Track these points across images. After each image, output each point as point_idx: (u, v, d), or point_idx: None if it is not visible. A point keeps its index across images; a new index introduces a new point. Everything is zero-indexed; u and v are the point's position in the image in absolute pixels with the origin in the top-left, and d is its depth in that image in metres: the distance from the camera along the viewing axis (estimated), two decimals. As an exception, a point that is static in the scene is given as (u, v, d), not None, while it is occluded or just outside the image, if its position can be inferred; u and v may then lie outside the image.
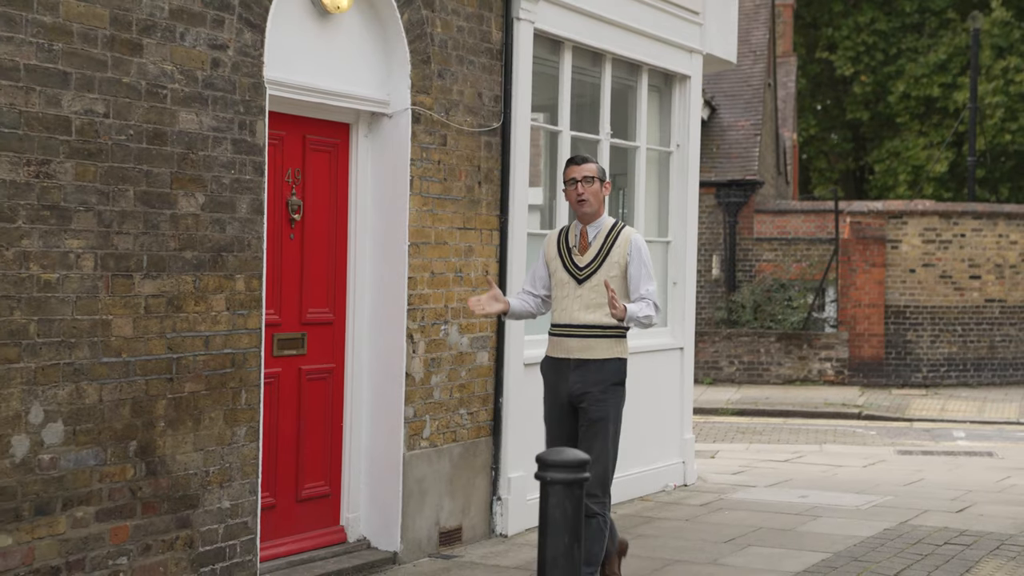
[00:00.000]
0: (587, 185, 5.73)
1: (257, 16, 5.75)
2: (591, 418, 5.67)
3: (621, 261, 5.72)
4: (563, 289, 5.78)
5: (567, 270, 5.78)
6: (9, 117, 4.70)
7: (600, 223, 5.81)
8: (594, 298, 5.70)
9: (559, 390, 5.75)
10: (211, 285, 5.59)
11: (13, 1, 4.68)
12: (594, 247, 5.76)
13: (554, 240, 5.91)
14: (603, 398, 5.68)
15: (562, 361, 5.74)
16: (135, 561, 5.24)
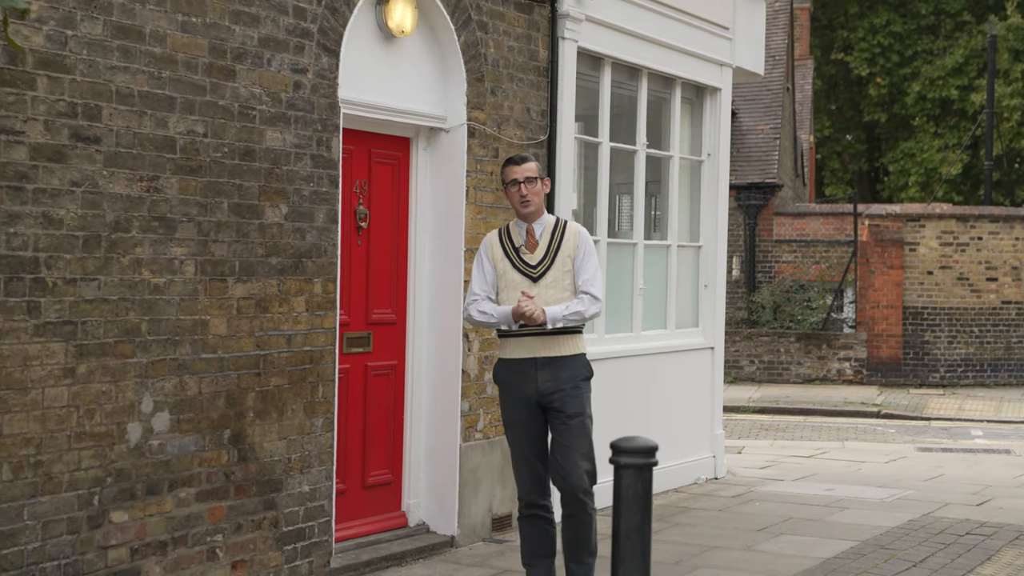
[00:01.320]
0: (530, 186, 5.66)
1: (333, 42, 6.28)
2: (569, 414, 5.56)
3: (572, 254, 5.66)
4: (516, 290, 5.63)
5: (518, 270, 5.67)
6: (126, 138, 5.23)
7: (544, 220, 5.75)
8: (552, 295, 5.61)
9: (525, 390, 5.61)
10: (293, 288, 6.12)
11: (130, 34, 5.22)
12: (543, 243, 5.68)
13: (496, 242, 5.78)
14: (576, 393, 5.59)
15: (525, 361, 5.60)
16: (229, 538, 5.78)
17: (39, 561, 4.92)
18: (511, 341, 5.65)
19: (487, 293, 5.73)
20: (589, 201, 8.69)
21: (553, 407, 5.58)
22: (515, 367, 5.63)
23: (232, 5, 5.70)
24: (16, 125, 4.81)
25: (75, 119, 5.03)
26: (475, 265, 5.80)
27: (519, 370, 5.62)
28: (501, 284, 5.70)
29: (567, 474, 5.58)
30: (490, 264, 5.74)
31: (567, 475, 5.58)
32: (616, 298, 8.94)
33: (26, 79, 4.84)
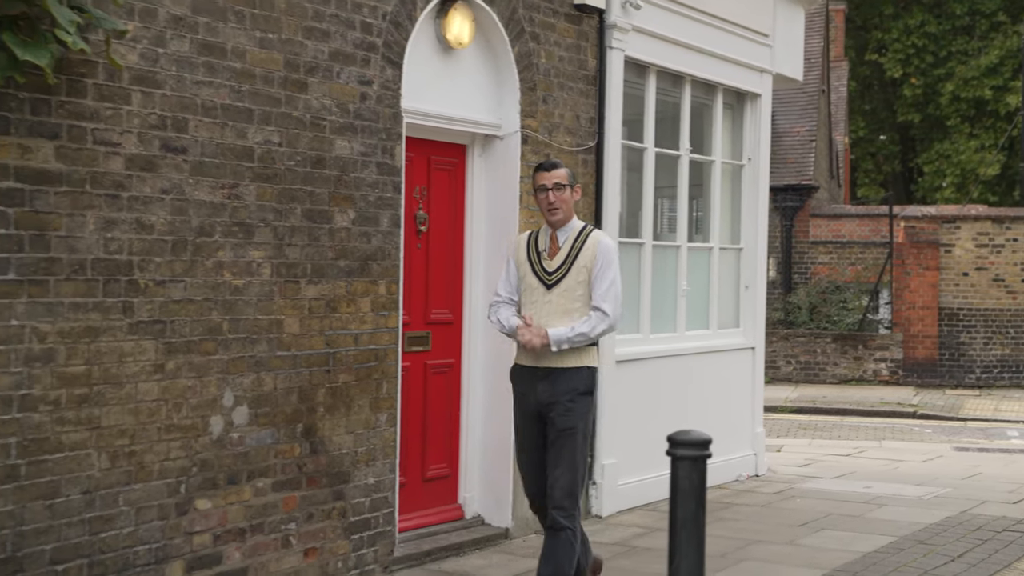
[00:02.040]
0: (558, 192, 5.59)
1: (396, 55, 6.60)
2: (559, 428, 5.49)
3: (588, 265, 5.55)
4: (532, 295, 5.61)
5: (536, 275, 5.63)
6: (209, 148, 5.57)
7: (570, 227, 5.66)
8: (563, 304, 5.54)
9: (528, 399, 5.60)
10: (359, 289, 6.44)
11: (213, 51, 5.56)
12: (563, 251, 5.61)
13: (523, 245, 5.75)
14: (571, 407, 5.49)
15: (531, 369, 5.58)
16: (301, 527, 6.10)
17: (133, 545, 5.26)
18: (521, 347, 5.64)
19: (509, 295, 5.72)
20: (634, 205, 8.97)
21: (549, 417, 5.53)
22: (523, 373, 5.63)
23: (305, 21, 6.03)
24: (113, 137, 5.16)
25: (165, 131, 5.37)
26: (503, 265, 5.84)
27: (524, 377, 5.61)
28: (521, 287, 5.67)
29: (550, 487, 5.53)
30: (514, 266, 5.72)
31: (550, 488, 5.53)
32: (660, 299, 9.22)
33: (122, 94, 5.19)
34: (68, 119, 4.98)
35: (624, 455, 8.49)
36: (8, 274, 4.79)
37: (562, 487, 5.45)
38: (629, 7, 8.19)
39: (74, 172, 5.01)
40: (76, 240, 5.04)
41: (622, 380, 8.48)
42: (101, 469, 5.15)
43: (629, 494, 8.55)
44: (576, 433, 5.49)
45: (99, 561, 5.14)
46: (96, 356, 5.12)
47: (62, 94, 4.94)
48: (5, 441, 4.78)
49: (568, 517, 5.45)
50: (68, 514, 5.02)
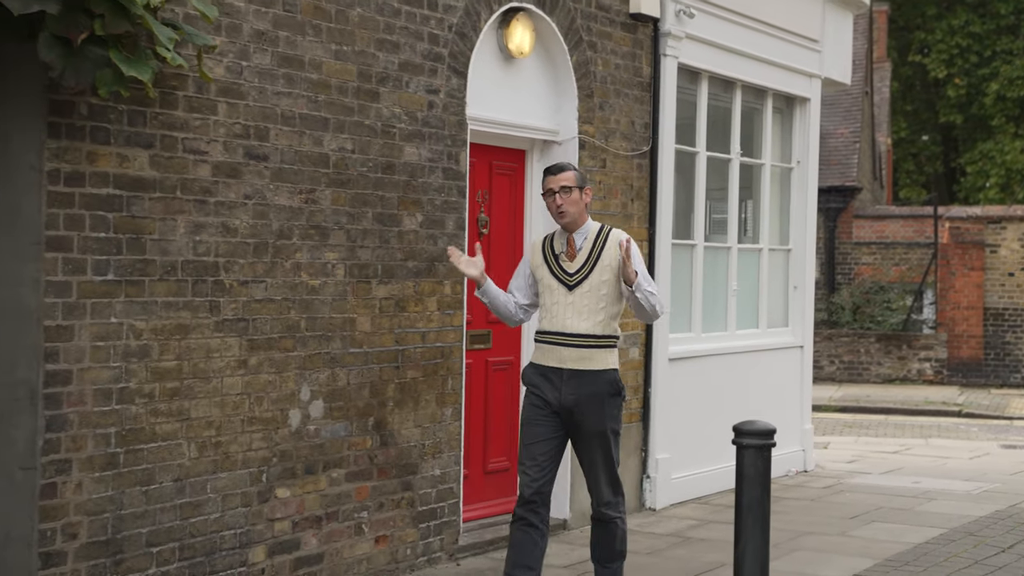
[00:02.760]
0: (565, 195, 5.53)
1: (461, 64, 6.89)
2: (589, 431, 5.51)
3: (613, 263, 5.52)
4: (552, 295, 5.58)
5: (555, 276, 5.59)
6: (288, 155, 5.88)
7: (586, 229, 5.62)
8: (587, 304, 5.51)
9: (548, 398, 5.53)
10: (426, 289, 6.73)
11: (292, 63, 5.87)
12: (583, 252, 5.56)
13: (539, 247, 5.72)
14: (600, 411, 5.49)
15: (554, 370, 5.53)
16: (372, 515, 6.40)
17: (219, 530, 5.58)
18: (543, 347, 5.58)
19: (515, 296, 5.77)
20: (686, 207, 9.20)
21: (574, 421, 5.51)
22: (544, 373, 5.56)
23: (377, 34, 6.33)
24: (201, 146, 5.47)
25: (248, 140, 5.68)
26: (518, 267, 5.88)
27: (547, 377, 5.54)
28: (540, 288, 5.65)
29: (591, 487, 5.65)
30: (528, 268, 5.72)
31: (591, 488, 5.65)
32: (712, 299, 9.46)
33: (209, 105, 5.50)
34: (161, 129, 5.30)
35: (677, 450, 8.73)
36: (108, 274, 5.11)
37: (606, 483, 5.58)
38: (683, 16, 8.44)
39: (166, 179, 5.33)
40: (168, 243, 5.36)
41: (675, 377, 8.72)
42: (191, 458, 5.47)
43: (682, 488, 8.79)
44: (607, 435, 5.52)
45: (189, 545, 5.46)
46: (186, 352, 5.44)
47: (156, 106, 5.26)
48: (105, 431, 5.11)
49: (616, 508, 5.62)
50: (161, 500, 5.34)
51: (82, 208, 5.00)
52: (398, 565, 6.57)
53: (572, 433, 5.56)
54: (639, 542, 7.52)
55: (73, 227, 4.97)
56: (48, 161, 4.86)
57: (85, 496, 5.03)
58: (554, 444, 5.58)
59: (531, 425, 5.59)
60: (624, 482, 8.25)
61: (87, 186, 5.02)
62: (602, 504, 5.61)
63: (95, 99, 4.98)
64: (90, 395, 5.04)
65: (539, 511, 5.59)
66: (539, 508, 5.59)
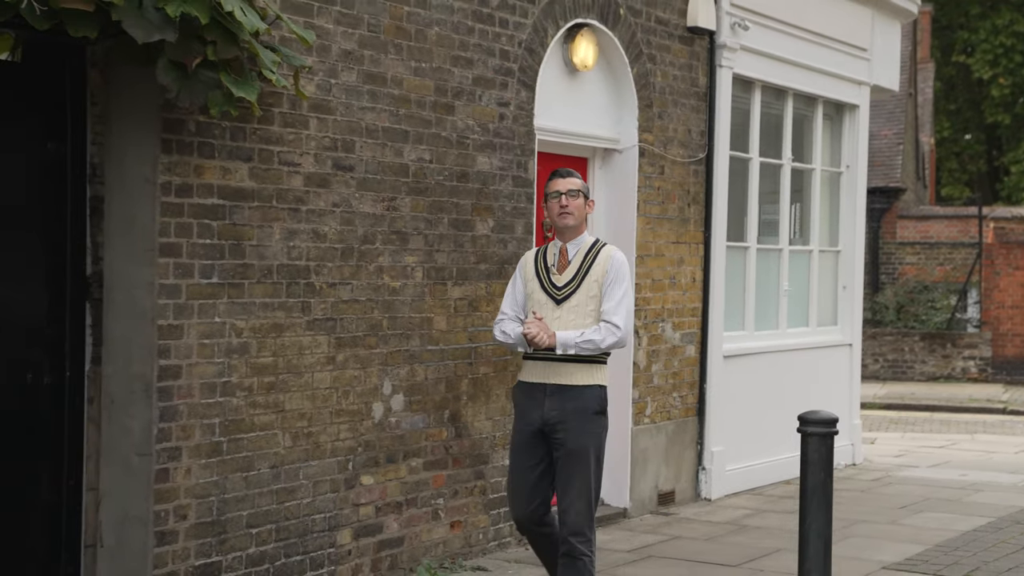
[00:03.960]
0: (571, 198, 5.44)
1: (530, 78, 7.29)
2: (569, 449, 5.24)
3: (600, 279, 5.35)
4: (541, 310, 5.39)
5: (545, 291, 5.42)
6: (372, 166, 6.31)
7: (581, 240, 5.50)
8: (573, 319, 5.33)
9: (531, 416, 5.33)
10: (497, 290, 7.14)
11: (376, 80, 6.30)
12: (573, 265, 5.41)
13: (531, 260, 5.56)
14: (583, 428, 5.24)
15: (536, 386, 5.34)
16: (448, 502, 6.82)
17: (311, 514, 6.02)
18: (528, 363, 5.43)
19: (516, 313, 5.55)
20: (739, 210, 9.56)
21: (556, 438, 5.28)
22: (528, 391, 5.38)
23: (452, 51, 6.75)
24: (295, 158, 5.91)
25: (336, 152, 6.11)
26: (509, 282, 5.67)
27: (530, 394, 5.36)
28: (529, 304, 5.46)
29: (563, 512, 5.29)
30: (522, 283, 5.54)
31: (563, 513, 5.29)
32: (764, 298, 9.82)
33: (302, 120, 5.94)
34: (259, 144, 5.74)
35: (731, 443, 9.10)
36: (212, 278, 5.56)
37: (577, 512, 5.20)
38: (738, 28, 8.80)
39: (264, 189, 5.77)
40: (265, 248, 5.80)
41: (729, 374, 9.08)
42: (285, 447, 5.91)
43: (736, 479, 9.15)
44: (589, 455, 5.22)
45: (284, 527, 5.90)
46: (281, 349, 5.88)
47: (254, 122, 5.70)
48: (210, 421, 5.56)
49: (586, 543, 5.22)
50: (259, 485, 5.78)
51: (190, 217, 5.45)
52: (471, 549, 6.99)
53: (553, 452, 5.29)
54: (698, 529, 7.91)
55: (182, 234, 5.42)
56: (161, 174, 5.31)
57: (193, 481, 5.47)
58: (540, 470, 5.34)
59: (516, 452, 5.41)
60: (682, 473, 8.77)
61: (194, 197, 5.46)
62: (571, 533, 5.21)
63: (202, 117, 5.43)
64: (197, 388, 5.49)
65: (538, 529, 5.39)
66: (535, 526, 5.38)
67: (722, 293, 9.01)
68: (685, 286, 8.75)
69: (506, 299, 5.61)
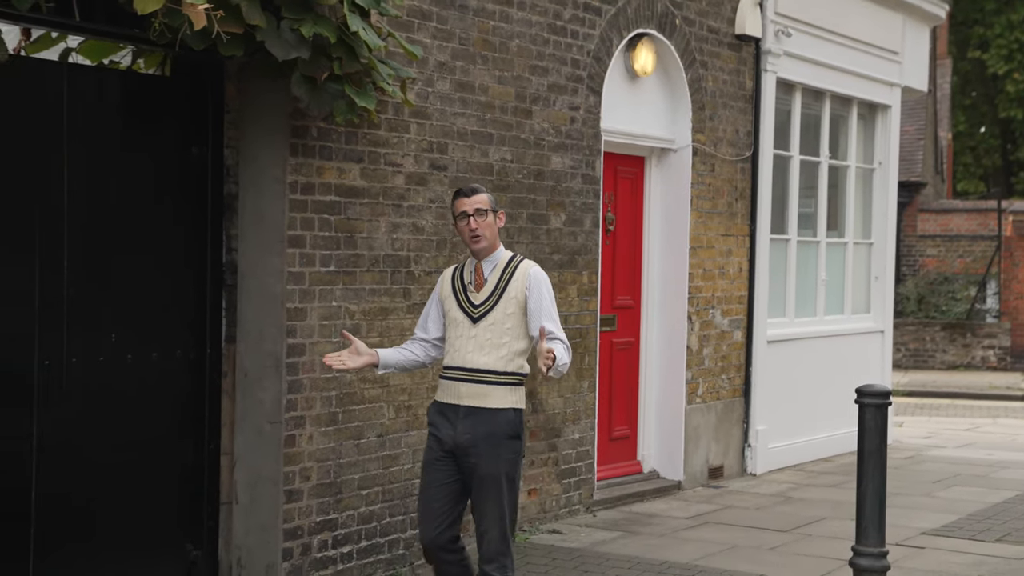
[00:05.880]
0: (480, 219, 5.11)
1: (597, 84, 7.96)
2: (481, 475, 4.99)
3: (519, 296, 5.09)
4: (457, 329, 5.14)
5: (461, 308, 5.16)
6: (462, 166, 6.99)
7: (495, 257, 5.19)
8: (489, 338, 5.07)
9: (443, 436, 5.07)
10: (568, 279, 7.82)
11: (466, 88, 6.98)
12: (490, 283, 5.14)
13: (448, 278, 5.29)
14: (495, 453, 4.98)
15: (451, 407, 5.08)
16: (526, 471, 7.50)
17: (410, 478, 6.70)
18: (444, 383, 5.16)
19: (419, 336, 5.34)
20: (781, 205, 10.22)
21: (468, 462, 5.02)
22: (442, 411, 5.14)
23: (531, 61, 7.42)
24: (397, 159, 6.59)
25: (432, 153, 6.79)
26: (428, 301, 5.41)
27: (444, 414, 5.11)
28: (447, 321, 5.23)
29: (479, 537, 5.08)
30: (438, 301, 5.29)
31: (478, 539, 5.08)
32: (803, 287, 10.49)
33: (404, 126, 6.62)
34: (368, 147, 6.42)
35: (773, 422, 9.77)
36: (330, 266, 6.24)
37: (491, 540, 5.01)
38: (781, 35, 9.46)
39: (372, 187, 6.46)
40: (373, 240, 6.48)
41: (772, 358, 9.75)
42: (389, 418, 6.60)
43: (778, 456, 9.83)
44: (501, 480, 5.00)
45: (388, 489, 6.59)
46: (386, 330, 6.56)
47: (365, 127, 6.38)
48: (328, 394, 6.24)
49: (502, 569, 5.02)
50: (368, 452, 6.47)
51: (312, 212, 6.13)
52: (546, 514, 7.67)
53: (467, 476, 5.05)
54: (747, 500, 8.59)
55: (306, 228, 6.10)
56: (289, 174, 5.99)
57: (315, 446, 6.17)
58: (451, 489, 5.08)
59: (427, 470, 5.15)
60: (730, 449, 9.45)
61: (316, 194, 6.14)
62: (486, 560, 5.01)
63: (322, 123, 6.11)
64: (318, 364, 6.17)
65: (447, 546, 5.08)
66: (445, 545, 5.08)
67: (766, 282, 9.68)
68: (732, 275, 9.42)
69: (421, 319, 5.38)
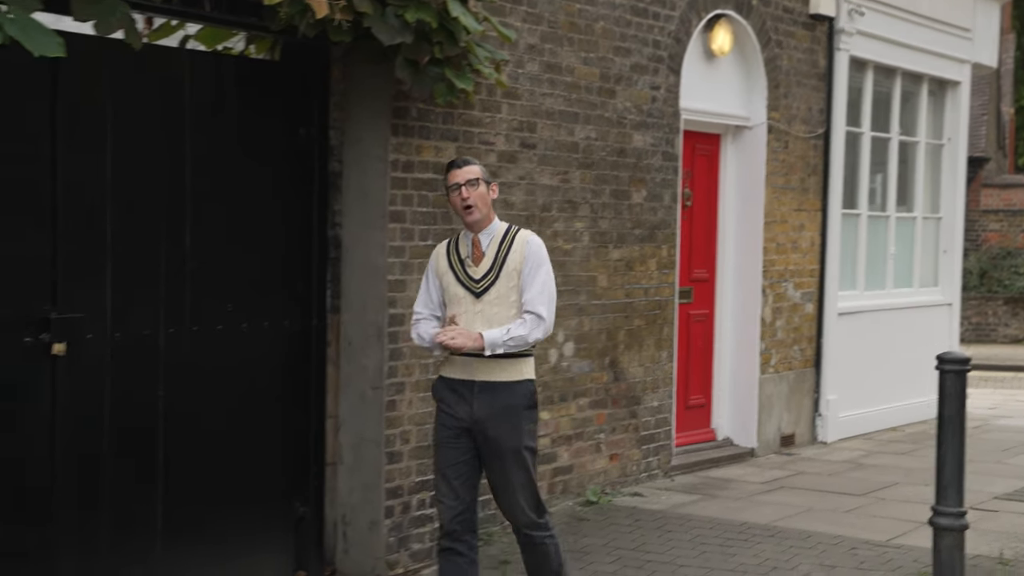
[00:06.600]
0: (472, 189, 5.04)
1: (676, 64, 8.21)
2: (503, 448, 4.97)
3: (518, 267, 5.04)
4: (459, 305, 5.05)
5: (462, 284, 5.07)
6: (550, 144, 7.29)
7: (492, 229, 5.13)
8: (496, 313, 5.00)
9: (459, 413, 5.02)
10: (648, 253, 8.10)
11: (553, 69, 7.26)
12: (489, 255, 5.08)
13: (443, 253, 5.20)
14: (515, 425, 4.98)
15: (463, 383, 5.01)
16: (608, 437, 7.83)
17: (502, 442, 7.04)
18: (454, 359, 5.07)
19: (431, 311, 5.20)
20: (851, 181, 10.42)
21: (487, 437, 4.98)
22: (453, 387, 5.06)
23: (614, 42, 7.69)
24: (490, 138, 6.90)
25: (522, 132, 7.10)
26: (422, 279, 5.29)
27: (456, 391, 5.05)
28: (447, 298, 5.13)
29: (508, 510, 5.08)
30: (435, 278, 5.19)
31: (508, 511, 5.08)
32: (873, 261, 10.72)
33: (495, 105, 6.92)
34: (463, 126, 6.73)
35: (843, 392, 10.01)
36: (428, 240, 6.55)
37: (523, 508, 5.01)
38: (854, 14, 9.64)
39: (466, 165, 6.77)
40: (467, 215, 6.79)
41: (842, 329, 9.98)
42: (482, 385, 6.92)
43: (848, 425, 10.07)
44: (522, 452, 5.00)
45: (481, 453, 6.92)
46: (479, 301, 6.88)
47: (460, 108, 6.69)
48: (424, 362, 6.58)
49: (542, 529, 5.04)
50: (463, 417, 6.80)
51: (412, 189, 6.46)
52: (626, 479, 7.99)
53: (483, 451, 5.02)
54: (819, 467, 8.86)
55: (406, 204, 6.43)
56: (391, 153, 6.32)
57: (414, 411, 6.51)
58: (469, 467, 5.06)
59: (443, 448, 5.10)
60: (801, 418, 9.73)
61: (415, 172, 6.47)
62: (525, 526, 5.05)
63: (422, 104, 6.43)
64: (417, 333, 6.51)
65: (464, 538, 5.08)
66: (463, 536, 5.08)
67: (837, 256, 9.90)
68: (805, 249, 9.65)
69: (419, 297, 5.26)
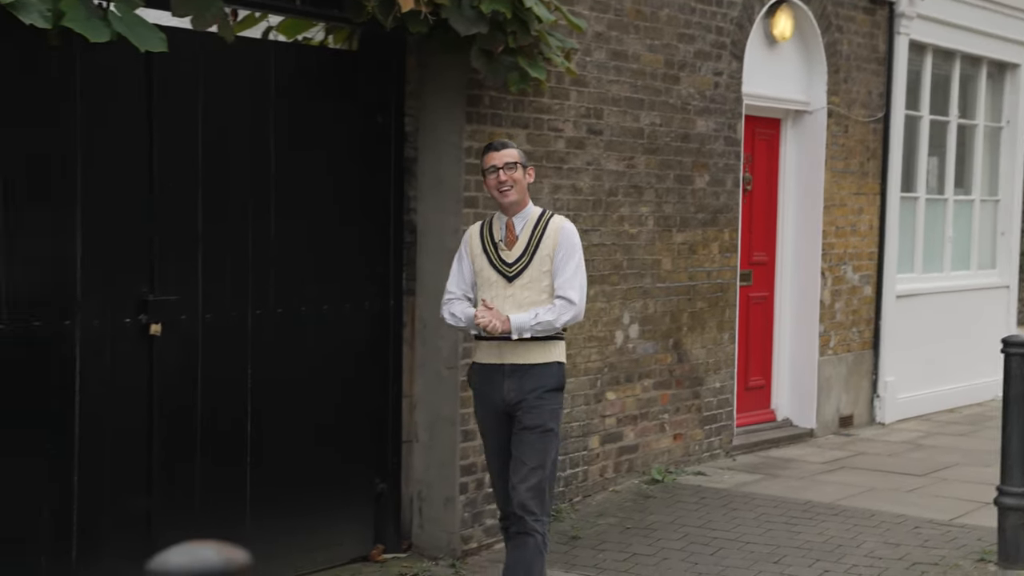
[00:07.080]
0: (510, 171, 5.10)
1: (739, 50, 8.33)
2: (525, 425, 5.01)
3: (551, 253, 5.08)
4: (492, 289, 5.12)
5: (495, 268, 5.13)
6: (616, 130, 7.45)
7: (527, 213, 5.17)
8: (527, 297, 5.06)
9: (493, 399, 5.10)
10: (711, 236, 8.25)
11: (619, 57, 7.42)
12: (522, 240, 5.12)
13: (476, 235, 5.24)
14: (539, 404, 5.02)
15: (494, 367, 5.09)
16: (672, 417, 8.00)
17: (569, 422, 7.22)
18: (483, 344, 5.15)
19: (464, 292, 5.26)
20: (910, 164, 10.48)
21: (516, 416, 5.06)
22: (485, 372, 5.15)
23: (678, 29, 7.83)
24: (559, 124, 7.08)
25: (589, 119, 7.27)
26: (455, 260, 5.34)
27: (488, 376, 5.13)
28: (479, 281, 5.19)
29: (512, 487, 5.04)
30: (468, 259, 5.24)
31: (513, 489, 5.03)
32: (930, 244, 10.78)
33: (564, 93, 7.09)
34: (533, 114, 6.91)
35: (901, 374, 10.11)
36: (499, 225, 6.76)
37: (529, 487, 4.97)
38: (915, -2, 9.71)
39: (536, 151, 6.95)
40: (537, 200, 6.90)
41: (900, 312, 10.08)
42: (551, 366, 7.12)
43: (906, 406, 10.18)
44: (546, 431, 5.03)
45: (550, 432, 7.13)
46: (547, 284, 7.07)
47: (530, 95, 6.87)
48: (498, 343, 6.78)
49: (537, 521, 4.98)
50: (533, 397, 7.01)
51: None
52: (689, 458, 8.17)
53: (513, 430, 5.08)
54: (878, 447, 8.99)
55: (479, 190, 6.61)
56: (465, 140, 6.52)
57: (486, 391, 6.72)
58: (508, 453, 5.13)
59: (486, 437, 5.25)
60: (859, 399, 9.85)
61: (487, 158, 6.66)
62: (519, 506, 4.96)
63: (494, 92, 6.61)
64: (489, 315, 6.71)
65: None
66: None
67: (896, 239, 9.98)
68: (863, 233, 9.75)
69: (452, 277, 5.31)
